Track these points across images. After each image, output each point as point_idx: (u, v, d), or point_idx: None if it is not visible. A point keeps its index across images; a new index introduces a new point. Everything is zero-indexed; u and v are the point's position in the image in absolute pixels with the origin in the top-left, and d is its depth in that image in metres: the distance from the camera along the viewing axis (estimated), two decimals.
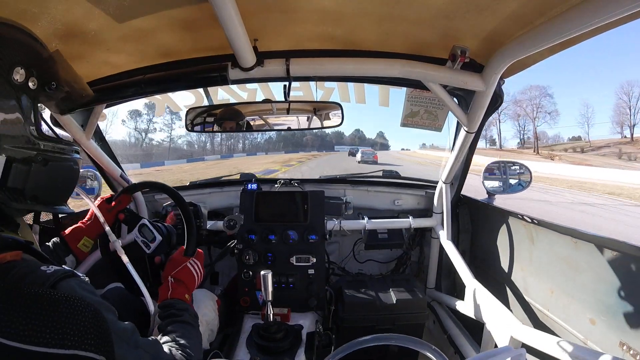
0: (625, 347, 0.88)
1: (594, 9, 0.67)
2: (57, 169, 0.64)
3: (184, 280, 0.95)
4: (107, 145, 1.64)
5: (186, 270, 0.98)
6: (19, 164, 0.56)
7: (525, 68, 1.11)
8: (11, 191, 0.56)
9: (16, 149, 0.55)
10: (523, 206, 3.98)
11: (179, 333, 0.77)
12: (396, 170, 2.49)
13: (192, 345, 0.77)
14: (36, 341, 0.42)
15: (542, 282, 1.25)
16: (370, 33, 1.05)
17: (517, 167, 1.76)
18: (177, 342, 0.74)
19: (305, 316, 1.50)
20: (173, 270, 0.97)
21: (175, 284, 0.93)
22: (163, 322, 0.82)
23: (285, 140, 60.81)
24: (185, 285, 0.95)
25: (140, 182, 1.38)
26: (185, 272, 0.98)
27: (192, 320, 0.86)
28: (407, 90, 1.47)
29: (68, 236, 1.05)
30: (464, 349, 1.45)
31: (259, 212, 1.65)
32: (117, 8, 0.86)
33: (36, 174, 0.58)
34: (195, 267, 1.02)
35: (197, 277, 1.01)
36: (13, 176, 0.55)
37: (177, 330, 0.78)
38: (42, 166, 0.60)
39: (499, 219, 1.55)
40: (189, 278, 0.98)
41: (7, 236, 0.56)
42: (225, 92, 1.78)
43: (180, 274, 0.96)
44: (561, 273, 1.17)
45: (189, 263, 1.00)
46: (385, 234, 1.78)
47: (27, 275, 0.49)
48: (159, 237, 1.12)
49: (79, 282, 0.54)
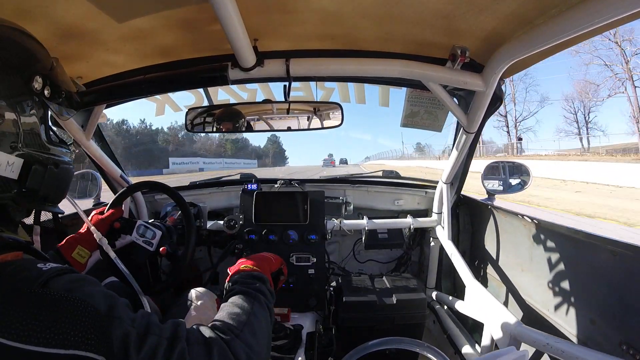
0: (625, 347, 0.88)
1: (594, 9, 0.67)
2: (65, 171, 0.68)
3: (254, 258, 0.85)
4: (107, 145, 1.64)
5: (258, 256, 0.87)
6: (38, 166, 0.59)
7: (525, 68, 1.11)
8: (29, 191, 0.59)
9: (33, 152, 0.59)
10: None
11: (231, 302, 0.65)
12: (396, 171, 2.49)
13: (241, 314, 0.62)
14: (36, 341, 0.42)
15: (542, 282, 1.25)
16: (370, 33, 1.05)
17: (517, 167, 1.77)
18: (221, 314, 0.62)
19: (305, 316, 1.50)
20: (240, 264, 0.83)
21: (244, 261, 0.82)
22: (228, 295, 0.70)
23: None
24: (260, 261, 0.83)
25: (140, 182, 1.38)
26: (258, 257, 0.86)
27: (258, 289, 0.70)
28: (407, 91, 1.47)
29: (63, 247, 1.04)
30: (464, 349, 1.45)
31: (259, 212, 1.65)
32: (116, 8, 0.86)
33: (50, 176, 0.62)
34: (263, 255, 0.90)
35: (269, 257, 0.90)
36: (32, 177, 0.58)
37: (233, 300, 0.65)
38: (55, 169, 0.64)
39: (499, 219, 1.55)
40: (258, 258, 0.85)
41: (7, 236, 0.56)
42: (225, 92, 1.78)
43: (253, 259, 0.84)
44: (561, 273, 1.17)
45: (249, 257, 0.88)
46: (385, 234, 1.78)
47: (22, 272, 0.48)
48: (158, 232, 1.13)
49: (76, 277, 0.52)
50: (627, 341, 0.88)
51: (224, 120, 1.52)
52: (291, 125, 1.57)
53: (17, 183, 0.57)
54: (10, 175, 0.55)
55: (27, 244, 0.58)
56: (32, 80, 0.58)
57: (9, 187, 0.56)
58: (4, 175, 0.54)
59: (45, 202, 0.65)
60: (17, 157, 0.56)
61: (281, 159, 68.21)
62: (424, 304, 1.52)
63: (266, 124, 1.56)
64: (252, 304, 0.66)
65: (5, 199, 0.56)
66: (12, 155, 0.55)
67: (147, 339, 0.50)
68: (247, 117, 1.53)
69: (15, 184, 0.57)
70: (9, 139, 0.54)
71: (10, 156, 0.54)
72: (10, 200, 0.57)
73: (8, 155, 0.54)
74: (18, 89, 0.57)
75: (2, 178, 0.54)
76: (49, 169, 0.62)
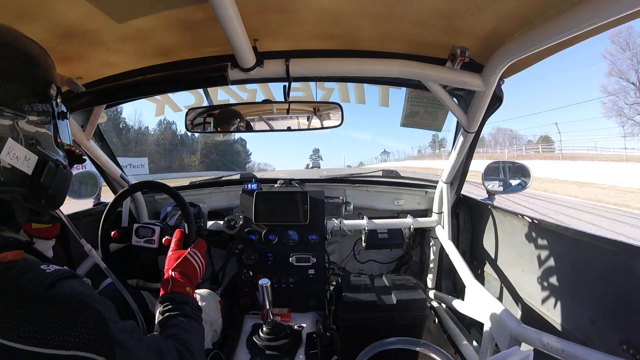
0: (625, 346, 0.88)
1: (594, 8, 0.67)
2: (70, 174, 0.71)
3: (185, 273, 0.92)
4: (107, 145, 1.64)
5: (186, 262, 0.94)
6: (52, 164, 0.62)
7: (525, 68, 1.11)
8: (40, 188, 0.61)
9: (47, 152, 0.62)
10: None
11: (179, 327, 0.75)
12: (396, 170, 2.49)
13: (194, 338, 0.74)
14: (37, 342, 0.42)
15: (542, 282, 1.25)
16: (370, 33, 1.05)
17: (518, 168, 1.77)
18: (177, 337, 0.72)
19: (305, 316, 1.50)
20: (173, 263, 0.93)
21: (175, 277, 0.90)
22: (162, 317, 0.79)
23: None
24: (187, 277, 0.91)
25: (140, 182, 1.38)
26: (185, 263, 0.94)
27: (194, 313, 0.83)
28: (407, 91, 1.47)
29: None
30: (464, 349, 1.45)
31: (259, 212, 1.65)
32: (116, 8, 0.86)
33: (60, 176, 0.65)
34: (196, 258, 0.97)
35: (198, 268, 0.97)
36: (47, 175, 0.61)
37: (177, 325, 0.76)
38: (64, 170, 0.66)
39: (499, 218, 1.55)
40: (190, 270, 0.93)
41: (8, 236, 0.56)
42: (225, 92, 1.78)
43: (180, 267, 0.92)
44: (561, 273, 1.17)
45: (189, 254, 0.96)
46: (385, 234, 1.78)
47: (26, 274, 0.49)
48: (157, 228, 1.13)
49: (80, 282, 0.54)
50: (627, 341, 0.88)
51: (224, 120, 1.52)
52: (291, 126, 1.57)
53: (30, 179, 0.59)
54: (26, 170, 0.57)
55: (28, 244, 0.58)
56: (50, 87, 0.63)
57: (23, 181, 0.58)
58: (20, 168, 0.56)
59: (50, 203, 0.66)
60: (34, 154, 0.58)
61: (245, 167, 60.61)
62: (424, 304, 1.52)
63: (266, 124, 1.56)
64: (199, 331, 0.81)
65: (16, 193, 0.58)
66: (29, 151, 0.58)
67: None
68: (246, 118, 1.54)
69: (28, 180, 0.58)
70: (28, 137, 0.57)
71: (28, 151, 0.57)
72: (20, 195, 0.58)
73: (26, 150, 0.57)
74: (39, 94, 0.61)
75: (18, 171, 0.56)
76: (59, 169, 0.64)
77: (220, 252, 1.81)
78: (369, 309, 1.47)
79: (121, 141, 37.65)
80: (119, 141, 37.16)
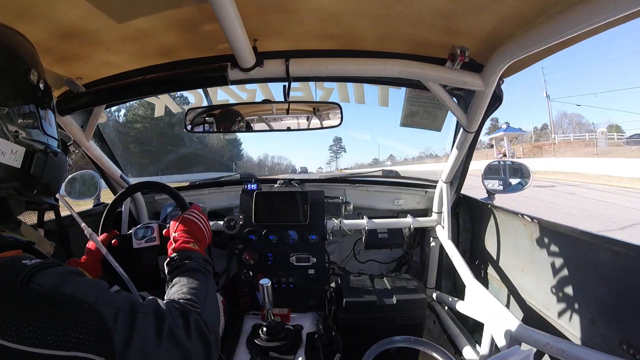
0: (625, 346, 0.88)
1: (593, 9, 0.67)
2: (63, 160, 0.69)
3: (187, 230, 0.91)
4: (107, 145, 1.64)
5: (185, 220, 0.94)
6: (40, 154, 0.61)
7: (525, 67, 1.11)
8: (32, 179, 0.60)
9: (33, 142, 0.60)
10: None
11: (182, 282, 0.72)
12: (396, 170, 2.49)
13: (199, 289, 0.71)
14: (37, 343, 0.42)
15: (542, 282, 1.25)
16: (369, 33, 1.05)
17: (518, 167, 1.77)
18: (180, 291, 0.69)
19: (305, 316, 1.50)
20: (174, 228, 0.92)
21: (178, 237, 0.89)
22: (168, 277, 0.77)
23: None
24: (192, 234, 0.90)
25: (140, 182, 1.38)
26: (185, 221, 0.93)
27: (198, 264, 0.79)
28: (406, 91, 1.47)
29: None
30: (464, 349, 1.45)
31: (258, 212, 1.65)
32: (116, 8, 0.86)
33: (50, 164, 0.63)
34: (194, 215, 0.96)
35: (200, 223, 0.95)
36: (35, 165, 0.59)
37: (180, 280, 0.73)
38: (54, 157, 0.65)
39: (499, 218, 1.55)
40: (192, 226, 0.93)
41: (8, 236, 0.56)
42: (224, 92, 1.78)
43: (180, 226, 0.92)
44: (561, 273, 1.17)
45: (186, 214, 0.96)
46: (385, 233, 1.78)
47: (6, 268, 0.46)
48: (154, 225, 1.13)
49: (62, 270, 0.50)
50: (627, 341, 0.88)
51: (224, 120, 1.52)
52: (291, 126, 1.57)
53: (20, 172, 0.58)
54: (14, 164, 0.56)
55: (28, 243, 0.58)
56: (30, 72, 0.60)
57: (13, 176, 0.57)
58: (8, 164, 0.55)
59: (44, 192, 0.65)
60: (20, 146, 0.57)
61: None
62: (424, 304, 1.52)
63: (266, 124, 1.56)
64: (206, 283, 0.75)
65: (9, 189, 0.57)
66: (15, 144, 0.56)
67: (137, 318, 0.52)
68: (246, 118, 1.53)
69: (18, 173, 0.57)
70: (12, 129, 0.56)
71: (13, 145, 0.55)
72: (13, 190, 0.58)
73: (11, 143, 0.55)
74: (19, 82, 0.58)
75: (7, 167, 0.55)
76: (49, 157, 0.63)
77: (221, 252, 1.81)
78: (369, 309, 1.47)
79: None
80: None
